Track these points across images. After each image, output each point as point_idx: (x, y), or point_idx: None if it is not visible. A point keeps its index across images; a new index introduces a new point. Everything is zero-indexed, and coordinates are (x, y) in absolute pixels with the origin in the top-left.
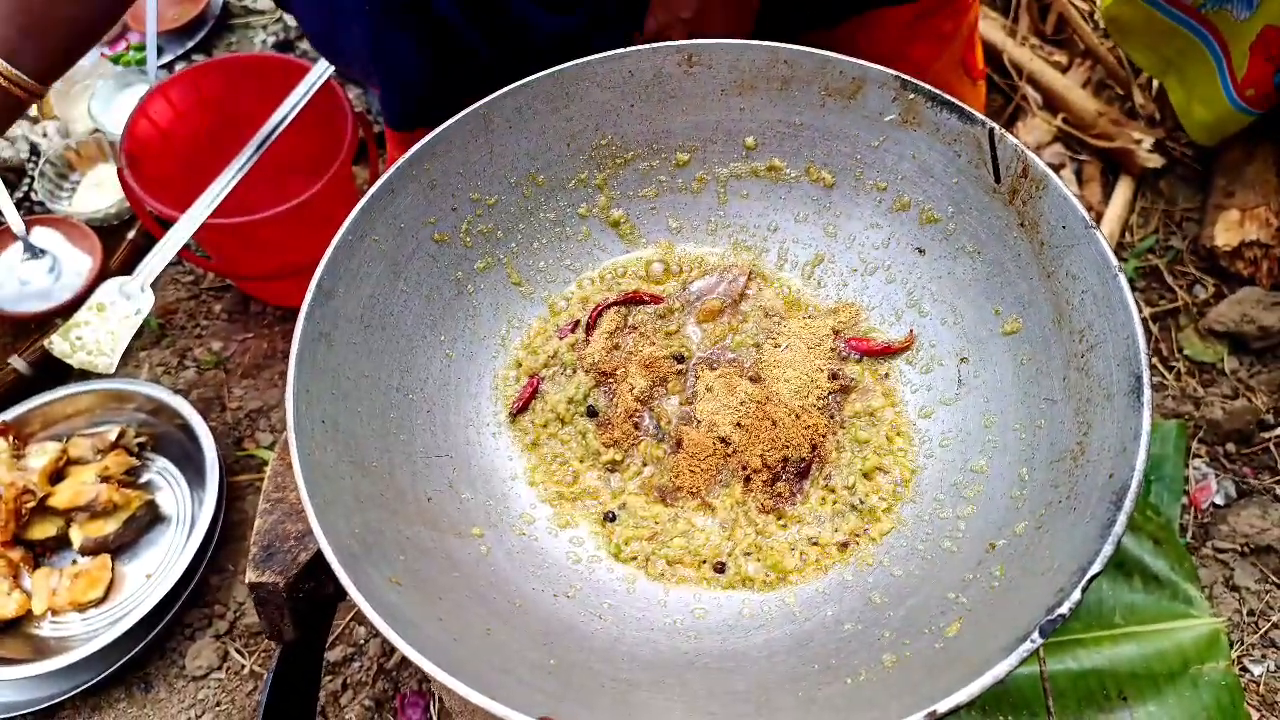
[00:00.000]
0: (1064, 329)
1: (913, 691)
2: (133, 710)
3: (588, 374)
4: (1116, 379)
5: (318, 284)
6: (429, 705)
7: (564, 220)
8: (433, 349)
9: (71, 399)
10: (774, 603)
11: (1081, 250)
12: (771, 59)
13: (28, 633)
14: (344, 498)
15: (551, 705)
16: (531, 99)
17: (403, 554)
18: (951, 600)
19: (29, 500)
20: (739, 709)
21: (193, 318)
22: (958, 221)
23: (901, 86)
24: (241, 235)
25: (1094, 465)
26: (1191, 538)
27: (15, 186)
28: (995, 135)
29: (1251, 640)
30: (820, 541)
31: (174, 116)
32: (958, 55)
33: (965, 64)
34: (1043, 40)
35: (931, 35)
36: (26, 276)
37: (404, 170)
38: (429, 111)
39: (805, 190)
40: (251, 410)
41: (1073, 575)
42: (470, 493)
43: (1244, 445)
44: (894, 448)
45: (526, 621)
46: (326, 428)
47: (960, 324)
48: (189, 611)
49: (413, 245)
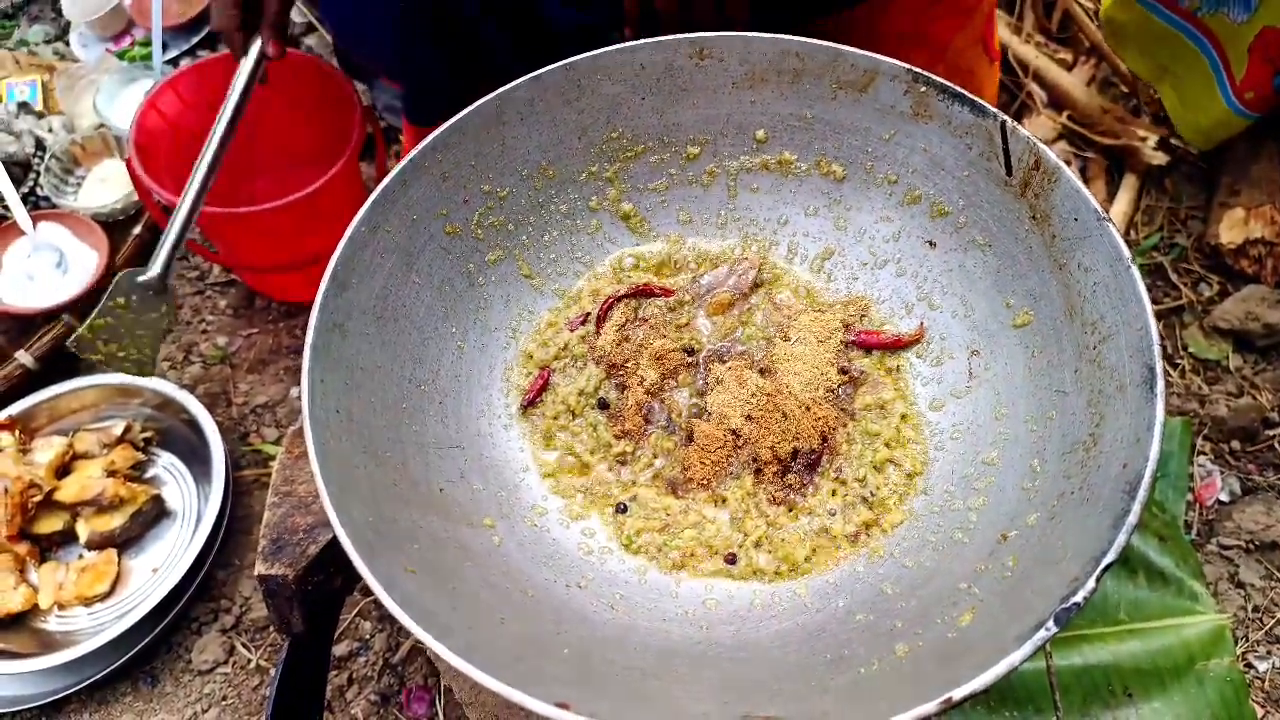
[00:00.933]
0: (1076, 321)
1: (927, 680)
2: (139, 704)
3: (598, 366)
4: (1129, 370)
5: (332, 275)
6: (435, 700)
7: (575, 213)
8: (445, 340)
9: (77, 394)
10: (785, 594)
11: (1094, 242)
12: (782, 52)
13: (34, 627)
14: (358, 487)
15: (566, 693)
16: (543, 92)
17: (416, 543)
18: (964, 590)
19: (35, 494)
20: (752, 699)
21: (198, 312)
22: (969, 214)
23: (913, 79)
24: (248, 227)
25: (1107, 456)
26: (1196, 534)
27: (21, 181)
28: (1007, 128)
29: (1257, 637)
30: (831, 533)
31: (183, 109)
32: (978, 32)
33: (985, 41)
34: (1048, 38)
35: (953, 10)
36: (33, 271)
37: (417, 162)
38: (448, 107)
39: (816, 183)
40: (257, 405)
41: (1087, 564)
42: (482, 483)
43: (1249, 442)
44: (905, 440)
45: (539, 611)
46: (341, 417)
47: (971, 317)
48: (195, 606)
49: (425, 237)
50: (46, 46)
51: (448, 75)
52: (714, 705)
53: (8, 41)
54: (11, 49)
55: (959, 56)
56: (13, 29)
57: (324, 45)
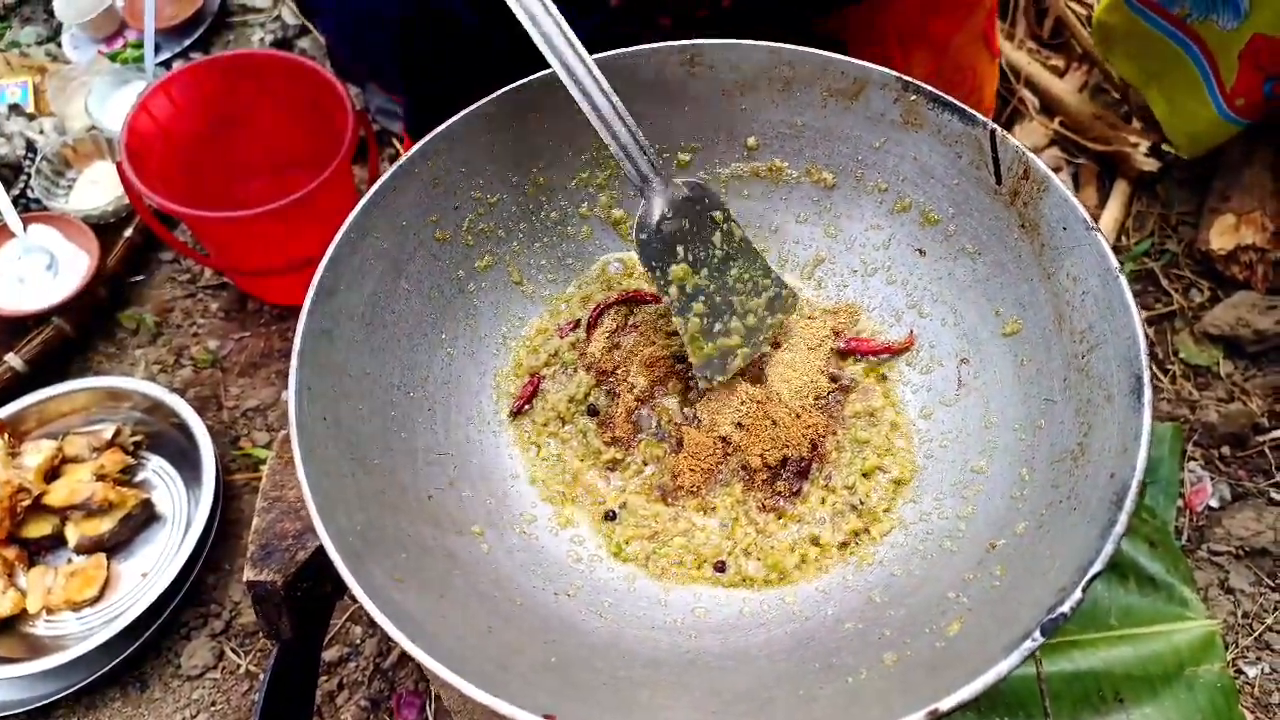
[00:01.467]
0: (1064, 330)
1: (914, 690)
2: (128, 710)
3: (588, 373)
4: (1117, 380)
5: (319, 281)
6: (425, 705)
7: (565, 219)
8: (434, 347)
9: (67, 397)
10: (774, 602)
11: (1082, 252)
12: (773, 60)
13: (22, 631)
14: (346, 495)
15: (553, 703)
16: (533, 97)
17: (404, 551)
18: (952, 600)
19: (24, 498)
20: (740, 708)
21: (189, 316)
22: (958, 223)
23: (903, 88)
24: (240, 230)
25: (1095, 465)
26: (1187, 540)
27: (11, 183)
28: (997, 137)
29: (1246, 642)
30: (820, 541)
31: (174, 112)
32: (979, 28)
33: (986, 38)
34: (1040, 44)
35: (954, 7)
36: (24, 274)
37: (406, 168)
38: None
39: (806, 191)
40: (248, 409)
41: (1074, 574)
42: (471, 491)
43: (1239, 448)
44: (894, 448)
45: (527, 620)
46: (328, 424)
47: (960, 325)
48: (185, 611)
49: (415, 243)
50: (38, 48)
51: (449, 88)
52: (702, 715)
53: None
54: (3, 50)
55: (960, 53)
56: (4, 30)
57: (317, 48)
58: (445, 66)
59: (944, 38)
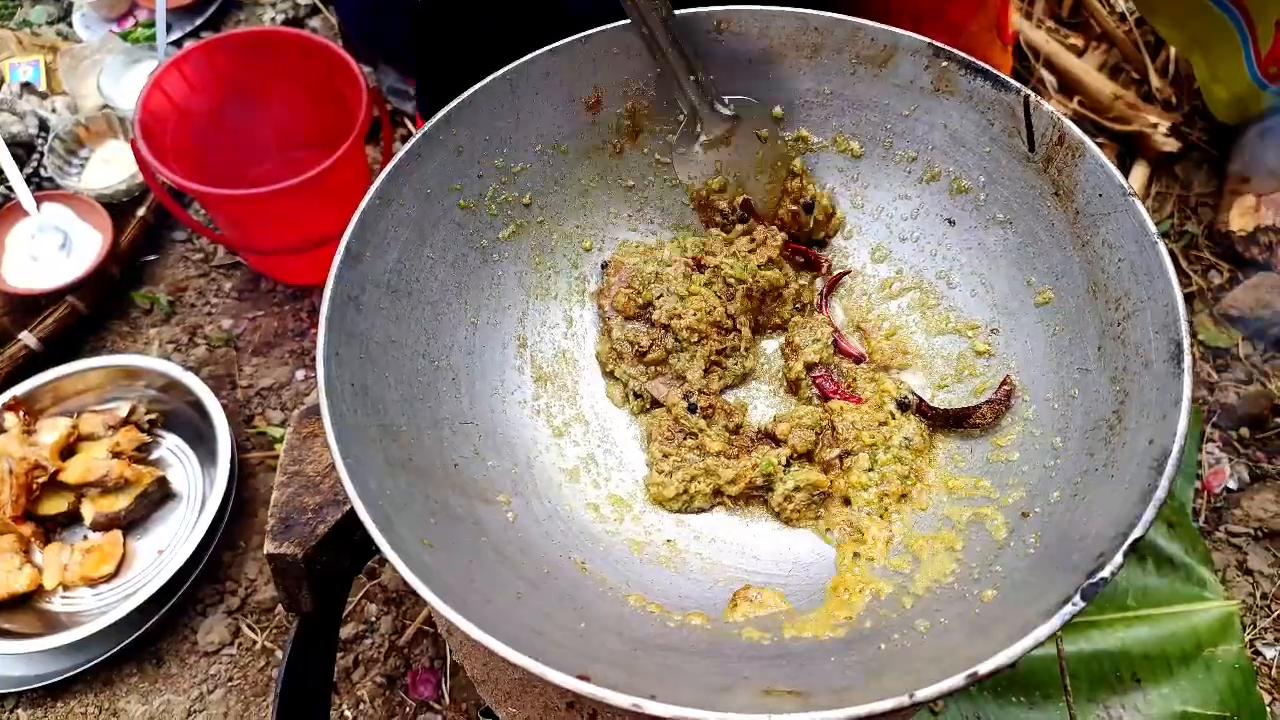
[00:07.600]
0: (1099, 298)
1: (950, 655)
2: (144, 685)
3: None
4: (1155, 346)
5: (346, 247)
6: (440, 682)
7: (588, 190)
8: (458, 316)
9: (82, 375)
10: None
11: (1119, 218)
12: (801, 26)
13: (39, 607)
14: (374, 460)
15: (585, 666)
16: (557, 65)
17: (433, 517)
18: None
19: (40, 475)
20: (772, 674)
21: (203, 295)
22: (989, 191)
23: (934, 54)
24: (253, 209)
25: (1132, 433)
26: (1205, 522)
27: (25, 162)
28: (1030, 102)
29: (1264, 624)
30: (859, 506)
31: (188, 90)
32: (993, 16)
33: (999, 26)
34: (1059, 23)
35: None
36: (37, 252)
37: (431, 135)
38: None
39: (832, 160)
40: (262, 388)
41: (1113, 540)
42: (496, 460)
43: (1258, 430)
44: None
45: (556, 586)
46: (356, 390)
47: (991, 295)
48: (201, 587)
49: (439, 211)
50: (50, 27)
51: (463, 71)
52: (733, 680)
53: (10, 22)
54: (15, 29)
55: (973, 40)
56: (15, 9)
57: (327, 28)
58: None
59: (959, 23)
